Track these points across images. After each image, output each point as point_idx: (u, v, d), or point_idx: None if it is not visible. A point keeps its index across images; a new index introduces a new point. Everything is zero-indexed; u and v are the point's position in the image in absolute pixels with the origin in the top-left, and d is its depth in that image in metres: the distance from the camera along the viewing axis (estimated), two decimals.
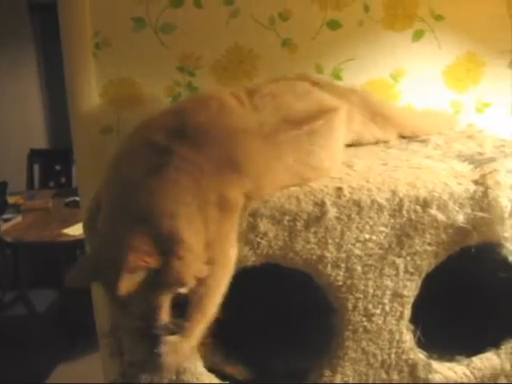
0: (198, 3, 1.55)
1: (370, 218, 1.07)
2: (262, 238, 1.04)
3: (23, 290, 3.50)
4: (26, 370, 3.61)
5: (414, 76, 1.69)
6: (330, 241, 1.07)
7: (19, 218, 3.92)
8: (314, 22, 1.61)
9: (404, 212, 1.07)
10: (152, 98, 1.57)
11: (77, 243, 3.74)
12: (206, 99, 1.11)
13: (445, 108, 1.71)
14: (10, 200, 4.23)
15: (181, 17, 1.56)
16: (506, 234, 1.11)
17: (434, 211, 1.08)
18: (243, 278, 1.07)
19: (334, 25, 1.61)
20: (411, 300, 1.15)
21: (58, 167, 5.18)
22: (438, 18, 1.64)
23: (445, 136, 1.52)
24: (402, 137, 1.48)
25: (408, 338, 1.17)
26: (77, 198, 4.06)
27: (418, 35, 1.66)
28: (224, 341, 1.18)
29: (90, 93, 1.55)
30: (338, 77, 1.64)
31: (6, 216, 3.93)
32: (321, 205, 1.04)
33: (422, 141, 1.46)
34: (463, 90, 1.73)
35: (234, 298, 1.11)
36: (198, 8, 1.55)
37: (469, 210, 1.09)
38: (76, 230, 3.63)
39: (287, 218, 1.04)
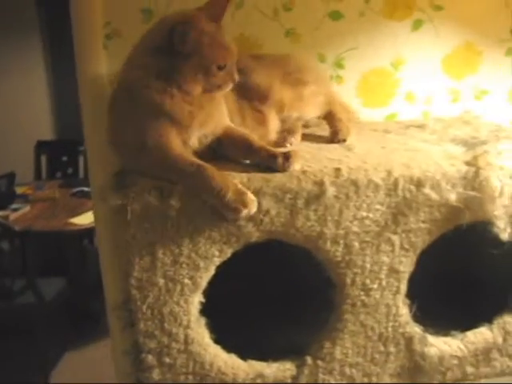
0: None
1: (367, 196, 1.13)
2: (264, 215, 1.10)
3: (32, 278, 3.56)
4: (35, 358, 3.68)
5: (413, 64, 1.74)
6: (329, 218, 1.12)
7: (27, 208, 3.99)
8: (316, 13, 1.66)
9: (399, 191, 1.13)
10: None
11: (84, 232, 3.81)
12: None
13: None
14: (19, 190, 4.30)
15: (188, 8, 1.61)
16: (496, 213, 1.17)
17: (427, 190, 1.14)
18: (245, 256, 1.14)
19: (335, 15, 1.67)
20: (407, 275, 1.21)
21: (64, 158, 5.25)
22: (437, 8, 1.69)
23: (443, 121, 1.58)
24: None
25: (404, 312, 1.23)
26: (84, 189, 4.14)
27: (417, 25, 1.71)
28: (224, 317, 1.23)
29: (101, 83, 1.60)
30: (340, 65, 1.70)
31: (14, 206, 4.00)
32: (320, 184, 1.10)
33: (421, 126, 1.52)
34: (462, 78, 1.78)
35: (235, 274, 1.18)
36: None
37: (460, 190, 1.15)
38: (83, 220, 3.70)
39: (288, 196, 1.10)
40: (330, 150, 1.27)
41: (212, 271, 1.14)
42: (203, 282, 1.14)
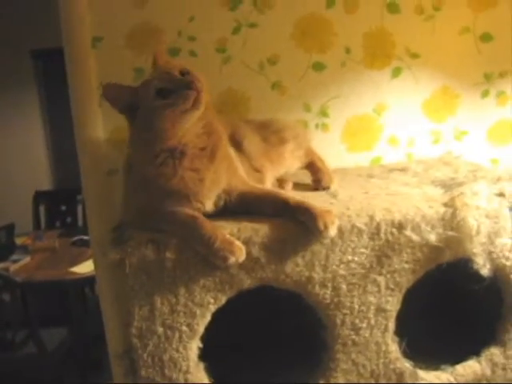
0: (193, 52, 1.70)
1: (352, 241, 1.19)
2: (255, 263, 1.16)
3: (34, 329, 3.57)
4: None
5: (395, 110, 1.83)
6: (316, 263, 1.19)
7: (28, 259, 4.01)
8: (300, 65, 1.75)
9: (382, 234, 1.20)
10: None
11: (85, 281, 3.85)
12: None
13: None
14: (18, 241, 4.33)
15: None
16: (475, 250, 1.23)
17: (408, 232, 1.21)
18: (239, 302, 1.20)
19: (318, 66, 1.76)
20: (394, 314, 1.27)
21: (63, 207, 5.30)
22: (414, 56, 1.79)
23: (424, 163, 1.66)
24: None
25: (394, 348, 1.29)
26: (84, 237, 4.18)
27: (396, 72, 1.80)
28: (223, 360, 1.28)
29: (98, 139, 1.68)
30: (324, 114, 1.78)
31: (14, 257, 4.03)
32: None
33: (403, 169, 1.60)
34: (442, 120, 1.86)
35: (231, 320, 1.23)
36: (193, 56, 1.70)
37: (440, 230, 1.22)
38: (83, 268, 3.73)
39: (277, 244, 1.17)
40: (315, 197, 1.35)
41: (208, 318, 1.19)
42: (200, 329, 1.19)
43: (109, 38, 1.69)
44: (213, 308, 1.19)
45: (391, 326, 1.27)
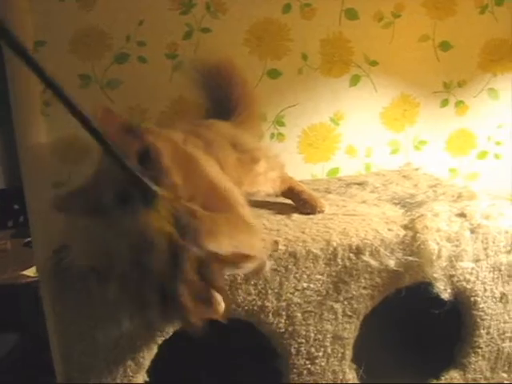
0: (142, 58, 1.61)
1: (307, 267, 1.13)
2: None
3: None
4: None
5: (353, 119, 1.78)
6: (269, 291, 1.12)
7: None
8: (254, 72, 1.68)
9: (338, 260, 1.14)
10: (100, 153, 1.60)
11: (37, 284, 3.72)
12: None
13: None
14: None
15: (126, 72, 1.61)
16: (435, 275, 1.18)
17: (366, 258, 1.15)
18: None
19: (274, 73, 1.69)
20: (351, 341, 1.21)
21: (16, 206, 5.14)
22: (373, 63, 1.74)
23: (383, 177, 1.61)
24: None
25: (351, 376, 1.24)
26: None
27: (354, 80, 1.75)
28: None
29: (41, 149, 1.59)
30: (280, 123, 1.72)
31: None
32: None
33: (362, 183, 1.54)
34: (400, 130, 1.82)
35: (180, 352, 1.16)
36: (142, 63, 1.61)
37: (400, 255, 1.16)
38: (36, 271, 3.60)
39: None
40: (269, 218, 1.28)
41: (155, 350, 1.12)
42: (146, 362, 1.12)
43: (52, 43, 1.58)
44: (159, 340, 1.11)
45: (348, 353, 1.22)
